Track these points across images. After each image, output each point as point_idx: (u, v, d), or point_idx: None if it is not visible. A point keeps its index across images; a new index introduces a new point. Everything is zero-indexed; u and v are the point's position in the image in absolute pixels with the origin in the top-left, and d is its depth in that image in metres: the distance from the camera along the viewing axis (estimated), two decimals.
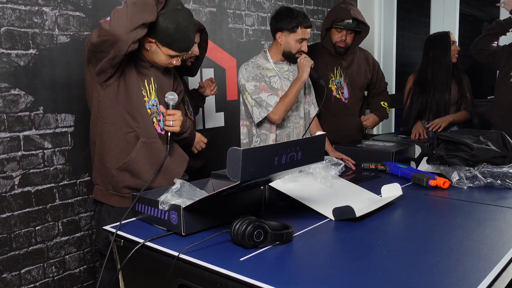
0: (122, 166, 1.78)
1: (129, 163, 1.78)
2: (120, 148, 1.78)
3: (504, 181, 1.88)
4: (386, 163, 2.27)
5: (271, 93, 2.37)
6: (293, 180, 1.75)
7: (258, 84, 2.37)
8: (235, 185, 1.20)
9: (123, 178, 1.79)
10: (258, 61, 2.45)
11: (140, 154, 1.78)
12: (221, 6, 3.00)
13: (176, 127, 1.81)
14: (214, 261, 1.19)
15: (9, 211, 2.09)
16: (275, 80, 2.44)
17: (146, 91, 1.83)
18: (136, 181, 1.79)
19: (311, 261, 1.25)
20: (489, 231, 1.40)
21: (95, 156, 1.85)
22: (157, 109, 1.86)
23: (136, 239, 1.38)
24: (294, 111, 2.51)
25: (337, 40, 2.80)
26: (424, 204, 1.74)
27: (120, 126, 1.77)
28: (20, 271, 2.15)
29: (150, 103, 1.84)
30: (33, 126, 2.15)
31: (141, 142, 1.78)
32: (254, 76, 2.37)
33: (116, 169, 1.78)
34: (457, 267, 1.14)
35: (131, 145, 1.78)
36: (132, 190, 1.80)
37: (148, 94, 1.84)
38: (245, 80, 2.38)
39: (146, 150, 1.80)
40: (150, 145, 1.80)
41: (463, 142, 2.01)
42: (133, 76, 1.79)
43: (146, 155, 1.80)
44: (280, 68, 2.47)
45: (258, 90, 2.36)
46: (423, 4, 4.46)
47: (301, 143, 1.32)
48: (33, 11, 2.11)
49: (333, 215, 1.53)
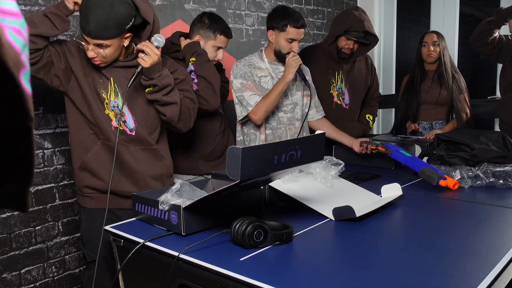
0: (81, 165, 1.83)
1: (87, 162, 1.82)
2: (82, 148, 1.83)
3: (506, 181, 1.87)
4: (388, 146, 2.18)
5: (255, 92, 2.34)
6: (293, 180, 1.75)
7: (245, 82, 2.34)
8: (235, 184, 1.20)
9: (83, 177, 1.85)
10: (251, 60, 2.42)
11: (98, 154, 1.82)
12: (221, 6, 3.00)
13: (146, 62, 1.72)
14: (214, 261, 1.19)
15: (9, 211, 2.09)
16: (266, 80, 2.40)
17: (106, 93, 1.82)
18: (96, 181, 1.83)
19: (311, 261, 1.25)
20: (489, 231, 1.40)
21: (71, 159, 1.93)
22: (120, 110, 1.81)
23: (136, 239, 1.38)
24: (288, 112, 2.46)
25: (343, 46, 2.76)
26: (424, 204, 1.74)
27: (83, 128, 1.83)
28: (20, 271, 2.15)
29: (111, 105, 1.82)
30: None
31: (99, 143, 1.82)
32: (242, 74, 2.35)
33: (78, 169, 1.85)
34: (457, 267, 1.14)
35: (90, 145, 1.82)
36: (94, 190, 1.85)
37: (108, 96, 1.82)
38: (233, 77, 2.37)
39: (106, 151, 1.82)
40: (108, 148, 1.81)
41: (464, 142, 2.01)
42: (87, 82, 1.79)
43: (106, 155, 1.81)
44: (275, 69, 2.44)
45: (244, 88, 2.34)
46: (423, 4, 4.46)
47: (300, 142, 1.32)
48: (33, 11, 2.11)
49: (333, 215, 1.53)
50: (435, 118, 3.10)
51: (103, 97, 1.81)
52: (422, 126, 3.10)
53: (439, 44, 3.01)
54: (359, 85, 2.95)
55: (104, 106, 1.81)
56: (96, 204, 1.85)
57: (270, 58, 2.44)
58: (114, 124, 1.82)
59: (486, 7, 5.17)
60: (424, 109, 3.09)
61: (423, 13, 4.77)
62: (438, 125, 3.09)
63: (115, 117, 1.82)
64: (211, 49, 2.20)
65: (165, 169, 1.94)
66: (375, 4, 4.21)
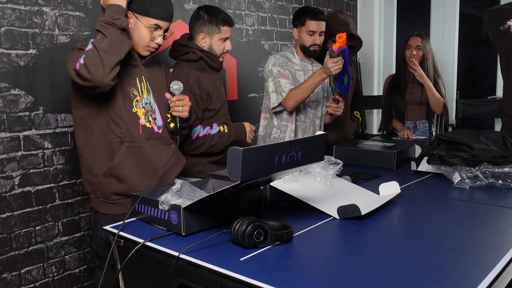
0: (107, 172, 1.76)
1: (113, 168, 1.76)
2: (107, 154, 1.77)
3: (505, 181, 1.88)
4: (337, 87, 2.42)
5: (290, 81, 2.47)
6: (294, 180, 1.75)
7: (282, 71, 2.50)
8: (235, 185, 1.20)
9: (110, 184, 1.78)
10: (286, 54, 2.60)
11: (124, 159, 1.76)
12: (221, 6, 3.00)
13: (185, 112, 1.80)
14: (214, 261, 1.19)
15: (9, 211, 2.09)
16: (300, 74, 2.57)
17: (138, 90, 1.82)
18: (123, 187, 1.78)
19: (311, 261, 1.25)
20: (489, 231, 1.40)
21: (82, 166, 1.84)
22: (151, 107, 1.84)
23: (136, 239, 1.38)
24: (313, 108, 2.63)
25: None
26: (424, 204, 1.74)
27: (106, 132, 1.76)
28: (20, 271, 2.15)
29: (143, 102, 1.82)
30: (33, 126, 2.14)
31: (124, 147, 1.77)
32: (280, 63, 2.51)
33: (103, 175, 1.77)
34: (457, 267, 1.14)
35: (115, 150, 1.76)
36: (120, 196, 1.79)
37: (140, 93, 1.82)
38: (271, 65, 2.51)
39: (131, 154, 1.78)
40: (134, 149, 1.79)
41: (464, 142, 2.00)
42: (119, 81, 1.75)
43: (132, 159, 1.78)
44: (304, 66, 2.61)
45: (280, 75, 2.48)
46: (423, 4, 4.45)
47: (301, 143, 1.32)
48: (33, 11, 2.11)
49: (338, 213, 1.53)
50: (418, 117, 3.16)
51: (134, 94, 1.80)
52: (407, 125, 3.19)
53: (422, 48, 3.04)
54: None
55: (132, 104, 1.79)
56: (121, 209, 1.78)
57: (300, 55, 2.62)
58: (142, 122, 1.82)
59: (486, 7, 5.15)
60: (408, 109, 3.15)
61: (423, 13, 4.76)
62: (421, 124, 3.19)
63: (144, 115, 1.82)
64: (218, 43, 2.20)
65: (183, 169, 1.96)
66: (375, 4, 4.21)
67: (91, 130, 1.77)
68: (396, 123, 3.19)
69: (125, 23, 1.64)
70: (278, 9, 3.43)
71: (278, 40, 3.46)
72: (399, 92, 3.15)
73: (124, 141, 1.77)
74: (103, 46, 1.58)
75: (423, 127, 3.17)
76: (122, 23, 1.63)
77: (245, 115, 3.23)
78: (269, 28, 3.39)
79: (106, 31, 1.60)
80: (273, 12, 3.39)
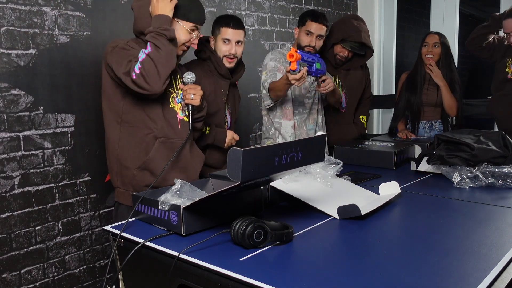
0: (142, 165, 1.83)
1: (148, 162, 1.83)
2: (141, 148, 1.84)
3: (505, 181, 1.88)
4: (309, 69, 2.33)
5: None
6: (294, 180, 1.75)
7: (278, 65, 2.55)
8: (235, 185, 1.20)
9: (143, 177, 1.84)
10: (283, 51, 2.64)
11: (158, 153, 1.84)
12: (221, 6, 3.00)
13: (196, 100, 1.87)
14: (214, 261, 1.19)
15: (9, 211, 2.09)
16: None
17: (173, 87, 1.91)
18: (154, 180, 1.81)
19: (311, 261, 1.25)
20: (489, 231, 1.40)
21: (113, 159, 1.88)
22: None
23: (136, 239, 1.38)
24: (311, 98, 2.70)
25: (338, 53, 2.88)
26: (424, 204, 1.74)
27: (140, 128, 1.84)
28: (20, 271, 2.15)
29: (179, 98, 1.92)
30: (33, 126, 2.15)
31: (158, 142, 1.84)
32: (277, 58, 2.57)
33: (137, 169, 1.84)
34: (457, 267, 1.14)
35: (150, 145, 1.84)
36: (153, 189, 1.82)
37: (175, 90, 1.91)
38: (268, 60, 2.57)
39: (164, 149, 1.85)
40: (167, 144, 1.86)
41: (464, 142, 2.00)
42: None
43: (164, 153, 1.85)
44: None
45: (277, 69, 2.53)
46: (423, 4, 4.45)
47: (301, 144, 1.32)
48: (33, 11, 2.11)
49: (338, 213, 1.53)
50: (434, 117, 3.11)
51: (170, 91, 1.89)
52: (422, 125, 3.12)
53: (440, 45, 2.99)
54: (355, 88, 3.00)
55: (169, 100, 1.88)
56: None
57: None
58: (179, 116, 1.91)
59: (486, 7, 5.16)
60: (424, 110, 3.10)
61: (423, 13, 4.76)
62: (437, 124, 3.10)
63: (181, 110, 1.92)
64: (220, 44, 2.28)
65: (202, 165, 2.02)
66: (375, 4, 4.21)
67: (126, 124, 1.84)
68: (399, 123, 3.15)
69: (174, 34, 1.75)
70: (278, 9, 3.43)
71: (278, 40, 3.46)
72: (415, 92, 3.06)
73: (158, 136, 1.84)
74: (159, 58, 1.68)
75: (439, 126, 3.11)
76: (172, 34, 1.74)
77: (245, 115, 3.23)
78: (269, 28, 3.39)
79: (158, 43, 1.69)
80: (273, 12, 3.39)
